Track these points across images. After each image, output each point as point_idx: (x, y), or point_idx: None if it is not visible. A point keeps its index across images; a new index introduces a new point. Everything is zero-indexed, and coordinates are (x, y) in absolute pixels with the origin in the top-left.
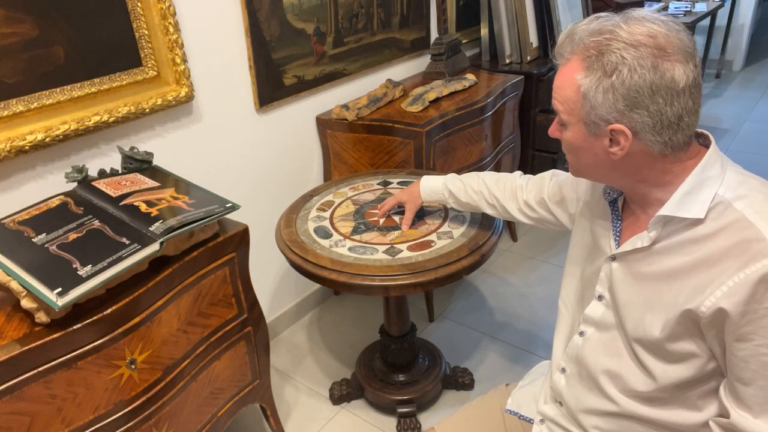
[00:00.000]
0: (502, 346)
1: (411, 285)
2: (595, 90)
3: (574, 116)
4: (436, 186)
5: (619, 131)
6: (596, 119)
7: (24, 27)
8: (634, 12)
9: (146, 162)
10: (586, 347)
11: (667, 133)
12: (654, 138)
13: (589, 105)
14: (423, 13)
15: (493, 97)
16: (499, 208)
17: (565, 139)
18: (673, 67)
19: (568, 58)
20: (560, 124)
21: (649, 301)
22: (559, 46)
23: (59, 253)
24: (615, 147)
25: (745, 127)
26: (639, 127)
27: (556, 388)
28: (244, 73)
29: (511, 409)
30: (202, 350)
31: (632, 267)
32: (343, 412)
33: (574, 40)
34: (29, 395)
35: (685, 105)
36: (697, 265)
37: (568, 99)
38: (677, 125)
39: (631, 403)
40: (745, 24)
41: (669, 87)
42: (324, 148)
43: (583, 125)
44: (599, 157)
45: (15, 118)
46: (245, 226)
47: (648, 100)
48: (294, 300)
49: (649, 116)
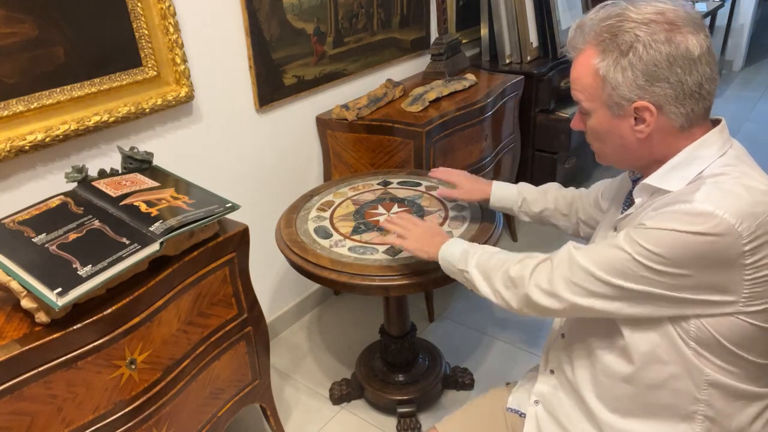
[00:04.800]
0: (502, 346)
1: (411, 285)
2: (614, 70)
3: (597, 101)
4: (508, 193)
5: (643, 108)
6: (619, 99)
7: (24, 27)
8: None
9: (146, 162)
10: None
11: (690, 103)
12: (677, 110)
13: (610, 86)
14: (423, 13)
15: (493, 97)
16: (573, 219)
17: (589, 127)
18: (686, 38)
19: (582, 49)
20: (582, 114)
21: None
22: (570, 40)
23: (59, 253)
24: (641, 125)
25: (745, 127)
26: (662, 100)
27: (554, 354)
28: (244, 73)
29: (512, 407)
30: (202, 350)
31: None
32: (343, 412)
33: (584, 31)
34: (29, 395)
35: (703, 72)
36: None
37: (587, 86)
38: (699, 93)
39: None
40: (745, 24)
41: (685, 56)
42: (324, 148)
43: (607, 108)
44: (626, 138)
45: (15, 118)
46: (245, 226)
47: (667, 72)
48: (294, 300)
49: (671, 87)
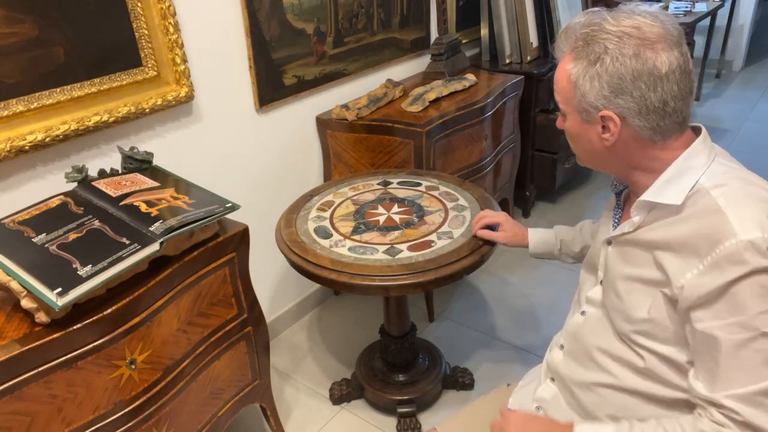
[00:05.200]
0: (502, 346)
1: (411, 285)
2: (583, 78)
3: (570, 105)
4: (547, 238)
5: (608, 117)
6: (587, 106)
7: (24, 27)
8: (625, 6)
9: (146, 162)
10: (586, 326)
11: (654, 118)
12: (641, 123)
13: (580, 93)
14: (423, 13)
15: (493, 97)
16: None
17: (566, 128)
18: (656, 55)
19: (564, 52)
20: (562, 115)
21: (634, 281)
22: (557, 43)
23: (59, 253)
24: (606, 133)
25: (745, 127)
26: (625, 112)
27: (552, 363)
28: (244, 73)
29: (512, 408)
30: (202, 350)
31: (622, 250)
32: (343, 412)
33: (568, 36)
34: (29, 395)
35: (669, 90)
36: (671, 245)
37: (563, 89)
38: (663, 110)
39: (621, 372)
40: (745, 24)
41: (651, 73)
42: (324, 148)
43: (577, 113)
44: (594, 144)
45: (15, 118)
46: (245, 226)
47: (630, 86)
48: (294, 300)
49: (633, 101)
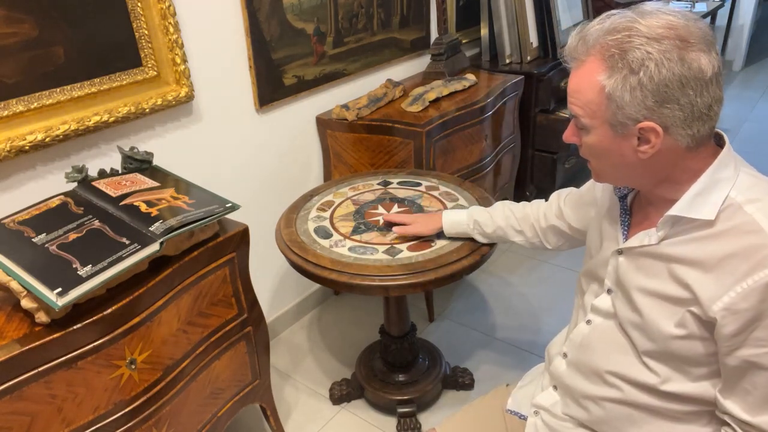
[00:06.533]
0: (502, 346)
1: (411, 285)
2: (622, 89)
3: (598, 119)
4: (459, 218)
5: (650, 129)
6: (624, 119)
7: (24, 27)
8: (646, 6)
9: (146, 162)
10: (592, 336)
11: (697, 125)
12: (684, 131)
13: (615, 105)
14: (423, 13)
15: (493, 97)
16: (528, 233)
17: (587, 143)
18: (698, 57)
19: (584, 60)
20: (579, 128)
21: (653, 296)
22: (571, 49)
23: (59, 253)
24: (645, 146)
25: (745, 127)
26: (670, 122)
27: (555, 373)
28: (244, 73)
29: (511, 408)
30: (202, 350)
31: (638, 262)
32: (343, 412)
33: (588, 41)
34: (29, 395)
35: (713, 94)
36: (705, 264)
37: (589, 102)
38: (707, 115)
39: (633, 392)
40: (745, 24)
41: (697, 78)
42: (324, 148)
43: (609, 127)
44: (627, 158)
45: (15, 118)
46: (245, 226)
47: (678, 93)
48: (294, 300)
49: (680, 109)
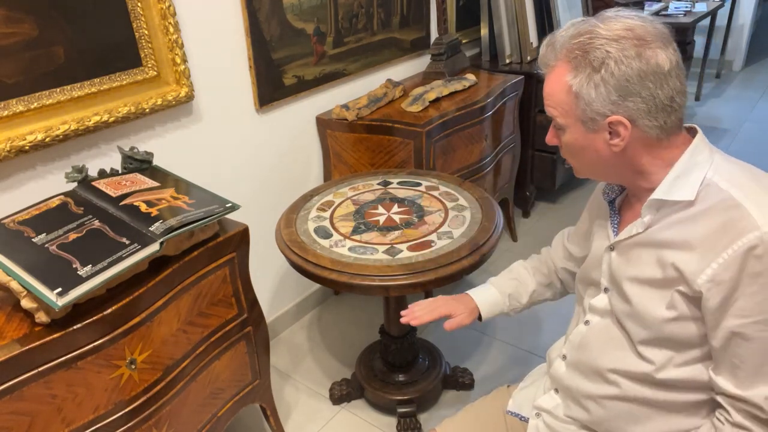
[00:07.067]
0: (502, 346)
1: (411, 285)
2: (587, 86)
3: (571, 117)
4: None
5: (618, 122)
6: (593, 115)
7: (24, 27)
8: (607, 12)
9: (146, 162)
10: (590, 335)
11: (662, 116)
12: (651, 122)
13: (584, 102)
14: (423, 13)
15: (493, 97)
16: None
17: (564, 142)
18: (655, 53)
19: (554, 65)
20: (557, 129)
21: (642, 283)
22: (542, 57)
23: (59, 253)
24: (615, 139)
25: (745, 127)
26: (635, 114)
27: (555, 375)
28: (244, 73)
29: (512, 410)
30: (202, 350)
31: (629, 254)
32: (343, 412)
33: (555, 48)
34: (29, 395)
35: (674, 86)
36: (688, 243)
37: (561, 102)
38: (670, 106)
39: (631, 386)
40: (745, 24)
41: (656, 72)
42: (324, 148)
43: (581, 124)
44: (601, 152)
45: (15, 118)
46: (245, 226)
47: (639, 87)
48: (294, 300)
49: (643, 102)
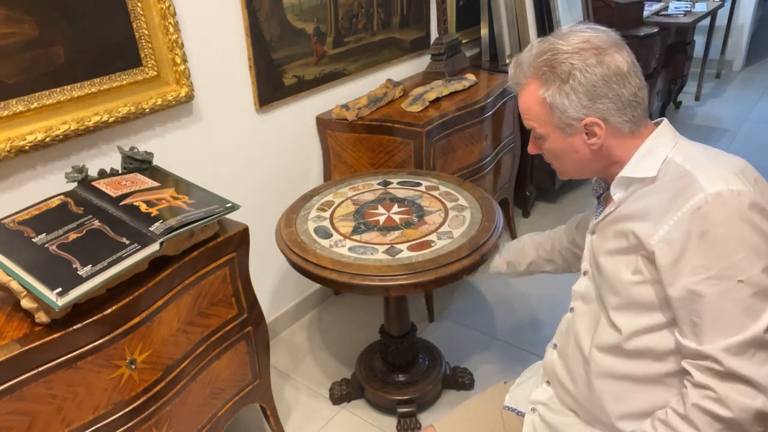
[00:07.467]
0: (502, 346)
1: (411, 285)
2: (559, 97)
3: (549, 126)
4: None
5: (592, 123)
6: (569, 121)
7: (24, 27)
8: (562, 29)
9: (146, 162)
10: (575, 320)
11: (630, 111)
12: (621, 118)
13: (559, 111)
14: (423, 13)
15: (493, 97)
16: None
17: (546, 149)
18: (613, 58)
19: (525, 83)
20: (537, 139)
21: (613, 254)
22: (512, 77)
23: (59, 253)
24: (593, 138)
25: (745, 127)
26: (606, 113)
27: (548, 365)
28: (244, 73)
29: (509, 405)
30: (202, 350)
31: (603, 232)
32: (343, 412)
33: (523, 68)
34: (29, 395)
35: (634, 83)
36: (647, 212)
37: (538, 114)
38: (635, 101)
39: (604, 359)
40: (745, 24)
41: (617, 73)
42: (324, 148)
43: (559, 130)
44: (581, 152)
45: (15, 118)
46: (245, 226)
47: (605, 89)
48: (294, 300)
49: (611, 102)
